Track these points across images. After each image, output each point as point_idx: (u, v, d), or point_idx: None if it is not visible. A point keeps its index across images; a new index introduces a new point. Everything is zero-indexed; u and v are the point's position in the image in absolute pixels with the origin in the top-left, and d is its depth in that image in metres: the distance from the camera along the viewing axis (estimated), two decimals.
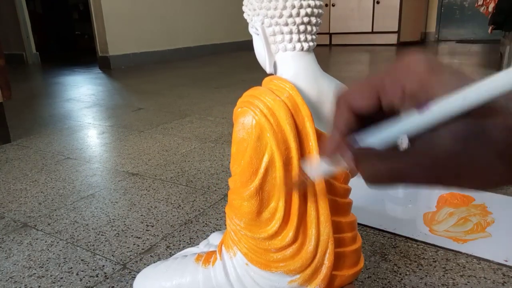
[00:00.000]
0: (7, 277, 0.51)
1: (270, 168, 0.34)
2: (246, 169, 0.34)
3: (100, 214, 0.66)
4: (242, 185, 0.34)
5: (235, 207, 0.35)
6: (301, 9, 0.34)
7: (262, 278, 0.36)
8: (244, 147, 0.34)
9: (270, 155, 0.33)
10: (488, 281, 0.46)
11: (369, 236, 0.56)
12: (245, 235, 0.36)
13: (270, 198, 0.34)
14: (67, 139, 1.11)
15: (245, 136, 0.34)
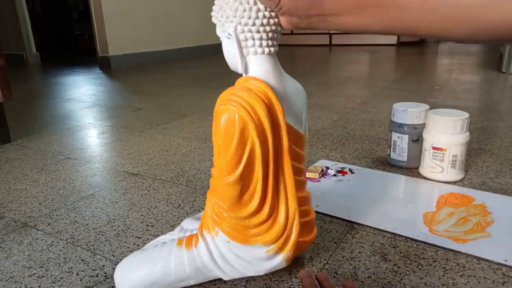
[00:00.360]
0: (7, 277, 0.51)
1: (251, 157, 0.39)
2: (231, 159, 0.39)
3: (100, 214, 0.66)
4: (227, 173, 0.39)
5: (220, 193, 0.41)
6: (270, 19, 0.39)
7: (243, 252, 0.43)
8: (229, 140, 0.38)
9: (251, 145, 0.39)
10: (488, 281, 0.46)
11: (369, 236, 0.56)
12: (228, 216, 0.42)
13: (249, 182, 0.40)
14: (67, 139, 1.11)
15: (230, 130, 0.38)
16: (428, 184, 0.72)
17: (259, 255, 0.43)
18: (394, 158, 0.81)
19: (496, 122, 1.11)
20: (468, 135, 0.71)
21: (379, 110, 1.29)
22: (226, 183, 0.39)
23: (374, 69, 2.38)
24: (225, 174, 0.39)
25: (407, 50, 3.31)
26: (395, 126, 0.79)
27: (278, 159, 0.41)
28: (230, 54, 0.43)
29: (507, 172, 0.77)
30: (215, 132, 0.39)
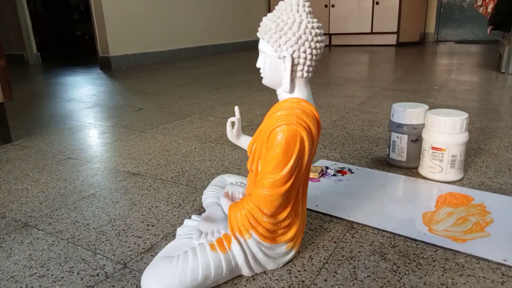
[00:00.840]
0: (8, 276, 0.51)
1: (298, 173, 0.46)
2: (288, 173, 0.44)
3: (101, 214, 0.66)
4: (281, 185, 0.45)
5: (269, 201, 0.45)
6: (319, 50, 0.46)
7: (270, 250, 0.48)
8: (289, 156, 0.44)
9: (302, 160, 0.46)
10: (487, 280, 0.46)
11: (368, 235, 0.57)
12: (267, 221, 0.47)
13: (289, 199, 0.47)
14: (68, 139, 1.11)
15: (291, 147, 0.44)
16: (427, 184, 0.73)
17: (281, 251, 0.49)
18: (393, 158, 0.81)
19: (495, 122, 1.11)
20: (467, 135, 0.71)
21: (379, 110, 1.29)
22: (277, 193, 0.45)
23: (374, 69, 2.39)
24: (279, 185, 0.44)
25: (406, 50, 3.31)
26: (395, 126, 0.79)
27: (309, 168, 0.49)
28: (275, 72, 0.47)
29: (506, 172, 0.77)
30: (275, 147, 0.44)
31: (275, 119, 0.45)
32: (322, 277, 0.48)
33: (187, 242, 0.49)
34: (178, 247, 0.49)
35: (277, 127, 0.44)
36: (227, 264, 0.46)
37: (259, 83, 1.94)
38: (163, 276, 0.44)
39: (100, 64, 2.80)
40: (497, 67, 2.07)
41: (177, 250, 0.48)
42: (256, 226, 0.47)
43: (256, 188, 0.46)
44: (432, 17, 4.09)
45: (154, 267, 0.45)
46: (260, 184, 0.46)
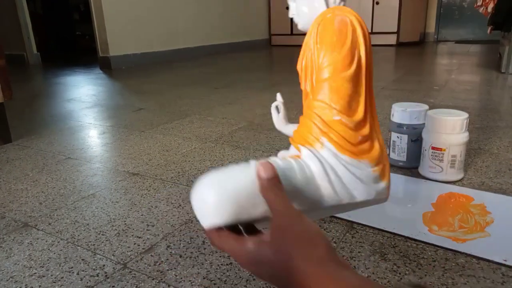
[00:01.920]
0: (7, 276, 0.51)
1: (359, 62, 0.38)
2: (347, 55, 0.38)
3: (100, 214, 0.66)
4: (343, 68, 0.38)
5: (335, 90, 0.38)
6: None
7: (352, 166, 0.38)
8: (343, 37, 0.38)
9: (359, 50, 0.38)
10: (487, 280, 0.46)
11: (368, 235, 0.56)
12: (339, 121, 0.38)
13: (356, 91, 0.39)
14: (68, 139, 1.11)
15: (343, 29, 0.38)
16: (428, 184, 0.73)
17: (368, 172, 0.39)
18: (393, 158, 0.81)
19: (495, 122, 1.11)
20: (467, 135, 0.71)
21: (379, 110, 1.29)
22: (342, 78, 0.38)
23: (374, 69, 2.38)
24: (340, 69, 0.38)
25: (406, 50, 3.31)
26: (395, 126, 0.79)
27: (369, 86, 0.41)
28: (310, 8, 0.43)
29: (506, 172, 0.77)
30: (326, 33, 0.39)
31: (315, 24, 0.40)
32: None
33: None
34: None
35: (323, 19, 0.39)
36: (300, 168, 0.36)
37: (259, 83, 1.93)
38: (219, 180, 0.33)
39: (100, 64, 2.80)
40: (497, 67, 2.07)
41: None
42: (328, 130, 0.38)
43: (316, 88, 0.39)
44: (432, 17, 4.09)
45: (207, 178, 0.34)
46: (320, 77, 0.39)
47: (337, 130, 0.38)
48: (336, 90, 0.38)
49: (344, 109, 0.38)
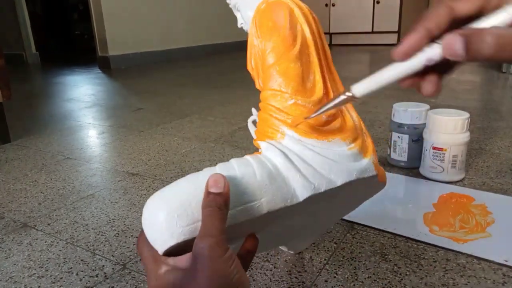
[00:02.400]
0: (6, 277, 0.51)
1: (304, 41, 0.36)
2: (288, 35, 0.35)
3: (100, 214, 0.66)
4: (286, 49, 0.35)
5: (282, 73, 0.35)
6: None
7: (322, 149, 0.34)
8: (280, 19, 0.36)
9: (301, 29, 0.36)
10: (488, 281, 0.46)
11: (369, 236, 0.56)
12: (295, 104, 0.34)
13: (308, 70, 0.36)
14: (67, 139, 1.11)
15: (278, 11, 0.36)
16: (429, 184, 0.72)
17: (343, 152, 0.35)
18: (394, 158, 0.81)
19: (496, 122, 1.11)
20: (468, 135, 0.71)
21: (380, 110, 1.29)
22: (287, 59, 0.35)
23: (374, 69, 2.37)
24: (283, 51, 0.35)
25: None
26: (396, 126, 0.79)
27: (326, 65, 0.38)
28: (253, 9, 0.40)
29: (508, 172, 0.76)
30: (262, 22, 0.37)
31: (252, 19, 0.39)
32: (323, 278, 0.48)
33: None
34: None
35: (258, 10, 0.38)
36: (260, 166, 0.32)
37: None
38: (169, 195, 0.29)
39: (99, 63, 2.80)
40: (498, 66, 2.07)
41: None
42: (285, 117, 0.34)
43: (264, 78, 0.37)
44: None
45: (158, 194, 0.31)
46: (265, 65, 0.37)
47: (295, 115, 0.34)
48: (284, 73, 0.35)
49: (297, 91, 0.35)
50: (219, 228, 0.25)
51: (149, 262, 0.28)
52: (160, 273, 0.26)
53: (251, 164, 0.32)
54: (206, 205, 0.26)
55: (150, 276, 0.27)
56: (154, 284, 0.27)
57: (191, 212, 0.28)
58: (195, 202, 0.28)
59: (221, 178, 0.27)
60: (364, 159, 0.36)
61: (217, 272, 0.24)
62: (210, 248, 0.24)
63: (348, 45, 3.78)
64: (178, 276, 0.26)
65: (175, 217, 0.27)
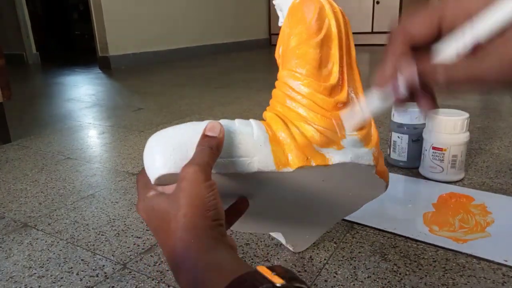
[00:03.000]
0: (7, 277, 0.51)
1: (328, 34, 0.37)
2: (314, 24, 0.37)
3: (100, 214, 0.66)
4: (309, 36, 0.37)
5: (300, 56, 0.37)
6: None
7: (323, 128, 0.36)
8: (309, 11, 0.37)
9: (328, 23, 0.38)
10: (488, 281, 0.46)
11: (369, 236, 0.56)
12: (306, 84, 0.36)
13: (326, 60, 0.37)
14: (67, 139, 1.11)
15: (309, 5, 0.37)
16: (428, 184, 0.72)
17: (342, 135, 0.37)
18: (394, 158, 0.81)
19: (496, 122, 1.11)
20: (468, 135, 0.71)
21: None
22: (308, 44, 0.36)
23: (374, 69, 2.38)
24: (306, 38, 0.37)
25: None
26: (395, 126, 0.79)
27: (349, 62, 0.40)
28: None
29: (507, 172, 0.77)
30: (294, 14, 0.38)
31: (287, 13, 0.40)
32: (323, 278, 0.48)
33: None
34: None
35: (290, 7, 0.39)
36: (260, 129, 0.33)
37: (259, 83, 1.93)
38: (170, 132, 0.31)
39: (99, 63, 2.80)
40: None
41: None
42: (295, 96, 0.36)
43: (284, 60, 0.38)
44: None
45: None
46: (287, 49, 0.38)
47: (305, 95, 0.36)
48: (302, 56, 0.37)
49: (311, 75, 0.36)
50: (206, 160, 0.28)
51: (141, 188, 0.31)
52: (148, 196, 0.30)
53: (252, 125, 0.34)
54: (199, 144, 0.29)
55: (139, 199, 0.30)
56: (141, 205, 0.30)
57: (186, 150, 0.30)
58: (191, 143, 0.30)
59: (217, 124, 0.30)
60: (363, 148, 0.38)
61: (196, 194, 0.26)
62: (194, 173, 0.27)
63: None
64: (163, 199, 0.28)
65: (171, 149, 0.30)
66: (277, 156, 0.33)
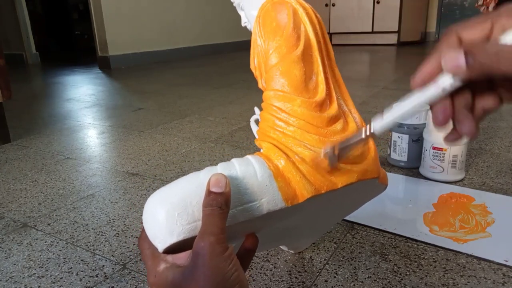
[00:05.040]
0: (7, 277, 0.51)
1: (307, 42, 0.36)
2: (290, 36, 0.35)
3: (100, 214, 0.66)
4: (289, 50, 0.35)
5: (284, 73, 0.35)
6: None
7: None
8: (284, 19, 0.36)
9: (305, 29, 0.36)
10: (488, 281, 0.46)
11: (369, 236, 0.56)
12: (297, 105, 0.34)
13: (311, 71, 0.36)
14: (67, 139, 1.11)
15: (282, 10, 0.36)
16: (428, 184, 0.72)
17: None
18: (394, 158, 0.81)
19: (496, 122, 1.11)
20: None
21: (380, 110, 1.29)
22: (290, 60, 0.35)
23: (374, 69, 2.38)
24: (286, 52, 0.35)
25: (407, 49, 3.30)
26: (395, 126, 0.79)
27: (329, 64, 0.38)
28: (257, 8, 0.40)
29: (508, 172, 0.76)
30: (266, 22, 0.37)
31: (256, 18, 0.39)
32: (323, 278, 0.48)
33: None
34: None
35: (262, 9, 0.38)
36: (262, 166, 0.32)
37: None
38: (170, 193, 0.30)
39: (99, 63, 2.80)
40: None
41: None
42: (287, 118, 0.34)
43: (267, 78, 0.37)
44: (433, 17, 4.09)
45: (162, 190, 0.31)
46: (268, 66, 0.36)
47: (296, 116, 0.34)
48: (287, 74, 0.35)
49: (299, 92, 0.35)
50: (219, 227, 0.26)
51: (148, 259, 0.28)
52: (159, 270, 0.27)
53: (252, 164, 0.31)
54: (207, 204, 0.26)
55: (150, 273, 0.27)
56: (153, 281, 0.27)
57: (192, 211, 0.28)
58: (196, 201, 0.28)
59: (222, 178, 0.27)
60: (365, 160, 0.36)
61: (216, 270, 0.24)
62: (210, 246, 0.25)
63: (348, 45, 3.78)
64: (177, 273, 0.26)
65: (176, 215, 0.27)
66: (285, 192, 0.31)
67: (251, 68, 0.40)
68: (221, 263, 0.24)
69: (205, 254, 0.24)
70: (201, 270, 0.24)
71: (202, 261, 0.24)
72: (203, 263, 0.24)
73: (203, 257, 0.24)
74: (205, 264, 0.24)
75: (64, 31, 4.76)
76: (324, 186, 0.33)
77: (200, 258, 0.25)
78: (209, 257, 0.24)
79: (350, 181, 0.34)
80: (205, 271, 0.24)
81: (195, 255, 0.25)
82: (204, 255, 0.24)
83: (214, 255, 0.24)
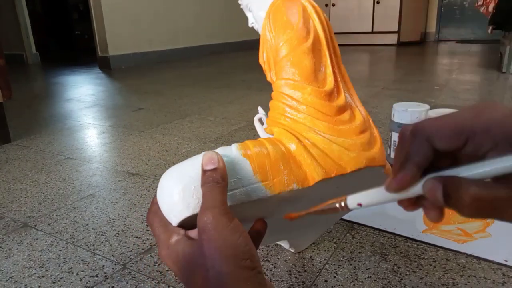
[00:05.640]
0: (7, 277, 0.51)
1: (316, 36, 0.37)
2: (301, 28, 0.37)
3: (100, 214, 0.66)
4: (299, 42, 0.36)
5: (295, 64, 0.36)
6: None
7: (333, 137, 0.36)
8: (294, 14, 0.37)
9: (312, 25, 0.38)
10: (488, 281, 0.46)
11: (369, 236, 0.56)
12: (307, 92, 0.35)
13: (319, 64, 0.37)
14: (67, 139, 1.11)
15: (292, 6, 0.38)
16: None
17: (353, 140, 0.37)
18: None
19: None
20: None
21: (379, 110, 1.29)
22: (300, 51, 0.36)
23: (374, 69, 2.38)
24: (297, 44, 0.36)
25: (407, 50, 3.30)
26: (395, 126, 0.79)
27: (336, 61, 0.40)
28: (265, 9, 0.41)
29: None
30: (277, 17, 0.38)
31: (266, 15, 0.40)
32: (323, 278, 0.48)
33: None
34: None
35: (271, 9, 0.40)
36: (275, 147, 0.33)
37: (259, 83, 1.93)
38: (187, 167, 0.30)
39: (99, 63, 2.80)
40: (498, 66, 2.07)
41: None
42: (297, 105, 0.35)
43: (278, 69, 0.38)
44: (433, 17, 4.09)
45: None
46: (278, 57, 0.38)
47: (307, 103, 0.35)
48: (297, 64, 0.36)
49: (309, 81, 0.36)
50: (219, 200, 0.25)
51: (160, 232, 0.27)
52: (171, 242, 0.27)
53: (266, 145, 0.32)
54: (203, 183, 0.26)
55: (161, 246, 0.27)
56: (165, 253, 0.27)
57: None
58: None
59: (214, 155, 0.27)
60: (373, 149, 0.37)
61: (225, 242, 0.24)
62: (214, 219, 0.24)
63: (348, 45, 3.78)
64: (189, 246, 0.26)
65: (192, 188, 0.27)
66: (296, 174, 0.32)
67: (260, 62, 0.42)
68: (229, 236, 0.24)
69: (210, 228, 0.24)
70: (210, 245, 0.24)
71: (208, 236, 0.24)
72: (210, 238, 0.24)
73: (208, 231, 0.24)
74: (212, 238, 0.24)
75: (64, 31, 4.76)
76: (334, 170, 0.34)
77: (205, 233, 0.24)
78: (215, 230, 0.24)
79: (359, 166, 0.35)
80: (214, 245, 0.24)
81: (201, 232, 0.24)
82: (209, 229, 0.24)
83: (220, 227, 0.24)
